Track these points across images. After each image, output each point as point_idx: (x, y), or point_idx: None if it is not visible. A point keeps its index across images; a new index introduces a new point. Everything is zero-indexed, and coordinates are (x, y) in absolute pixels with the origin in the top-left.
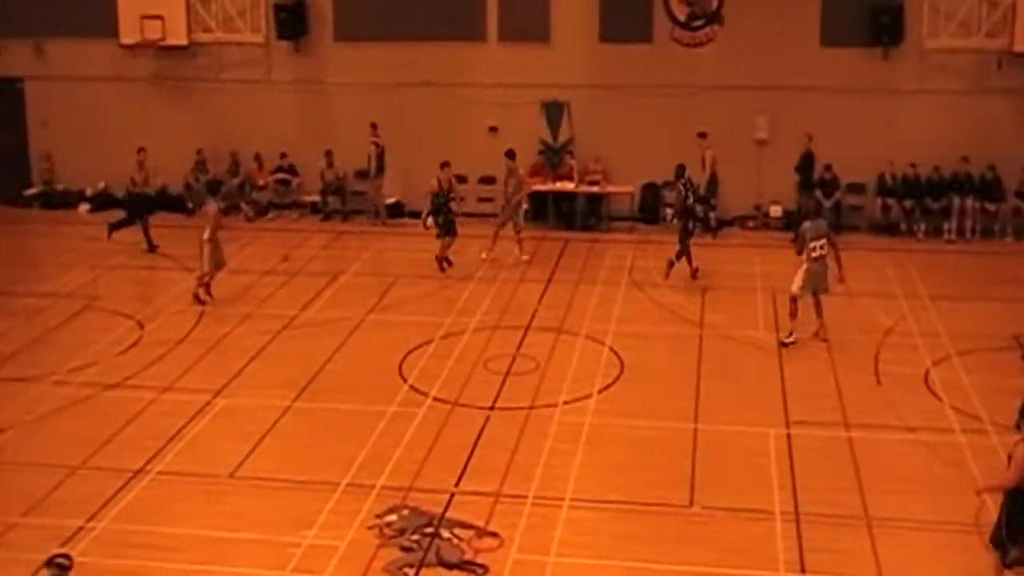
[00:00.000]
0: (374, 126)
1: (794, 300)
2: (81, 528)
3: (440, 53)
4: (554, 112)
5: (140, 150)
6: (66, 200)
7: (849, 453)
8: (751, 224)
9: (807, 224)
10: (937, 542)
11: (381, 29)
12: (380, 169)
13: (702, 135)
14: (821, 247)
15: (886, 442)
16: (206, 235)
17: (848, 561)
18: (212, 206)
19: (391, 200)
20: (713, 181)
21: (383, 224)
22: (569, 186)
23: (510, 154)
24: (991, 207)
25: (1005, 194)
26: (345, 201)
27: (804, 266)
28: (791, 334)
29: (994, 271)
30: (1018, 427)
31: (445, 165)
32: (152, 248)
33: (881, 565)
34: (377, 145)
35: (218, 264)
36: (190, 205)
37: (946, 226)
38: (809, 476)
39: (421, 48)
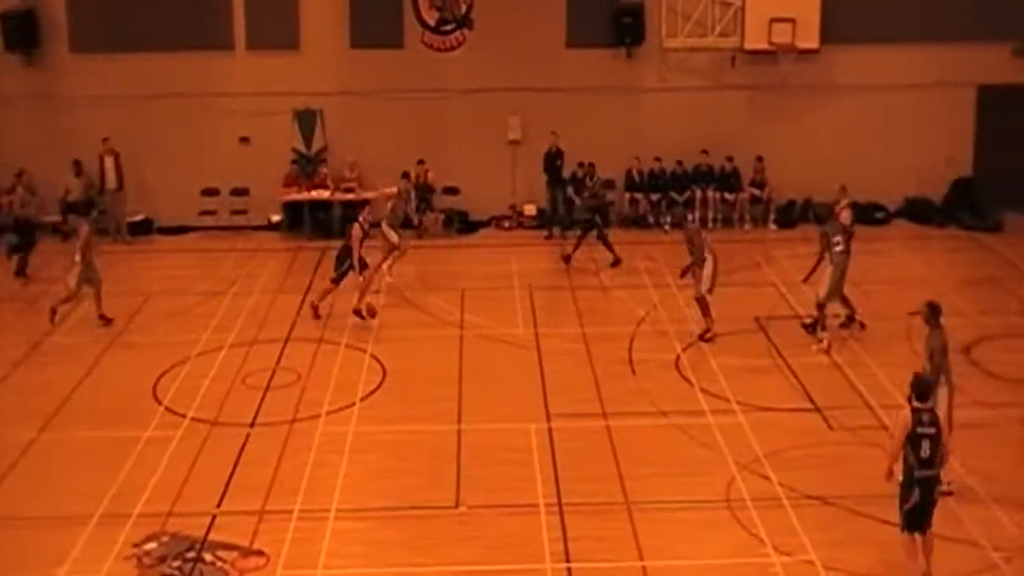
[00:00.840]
0: (106, 140)
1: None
2: None
3: (186, 63)
4: (307, 120)
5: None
6: None
7: (608, 442)
8: (506, 224)
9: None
10: (694, 520)
11: (121, 39)
12: (119, 184)
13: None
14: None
15: (642, 428)
16: (78, 256)
17: (611, 547)
18: (84, 226)
19: (138, 217)
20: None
21: (125, 242)
22: (325, 194)
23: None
24: (730, 197)
25: (742, 184)
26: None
27: (829, 269)
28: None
29: (734, 258)
30: (909, 401)
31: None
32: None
33: (642, 547)
34: (113, 159)
35: (89, 281)
36: None
37: (690, 217)
38: (571, 467)
39: (166, 58)
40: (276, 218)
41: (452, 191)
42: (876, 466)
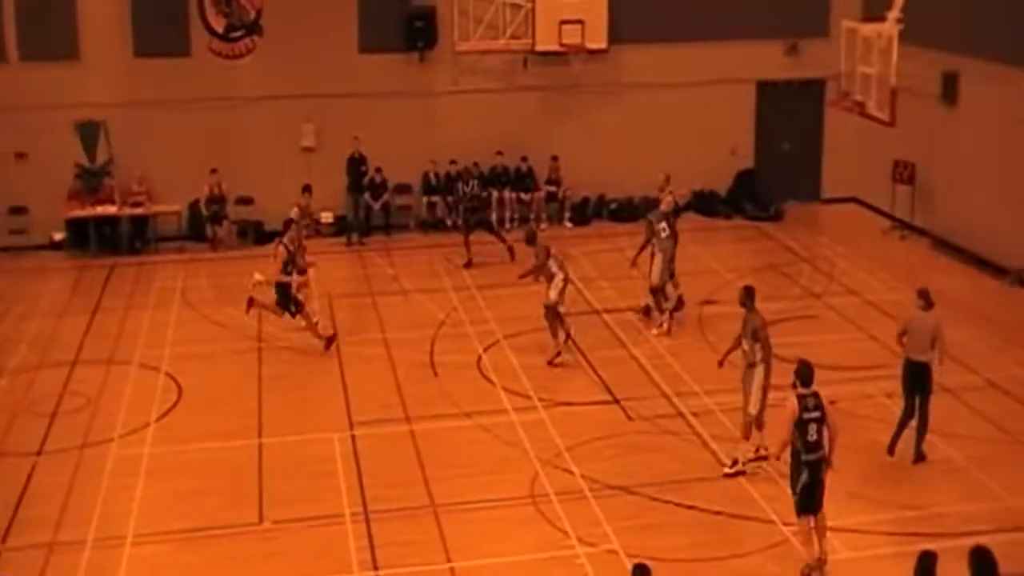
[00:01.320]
0: None
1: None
2: None
3: None
4: (89, 133)
5: None
6: None
7: (412, 446)
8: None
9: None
10: (500, 517)
11: None
12: None
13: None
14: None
15: (446, 430)
16: None
17: (418, 550)
18: None
19: None
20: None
21: None
22: (111, 209)
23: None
24: (526, 197)
25: (538, 184)
26: None
27: (658, 255)
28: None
29: (531, 257)
30: (794, 386)
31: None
32: None
33: (449, 549)
34: None
35: None
36: None
37: (542, 226)
38: (375, 474)
39: None
40: (59, 236)
41: (246, 201)
42: (674, 454)
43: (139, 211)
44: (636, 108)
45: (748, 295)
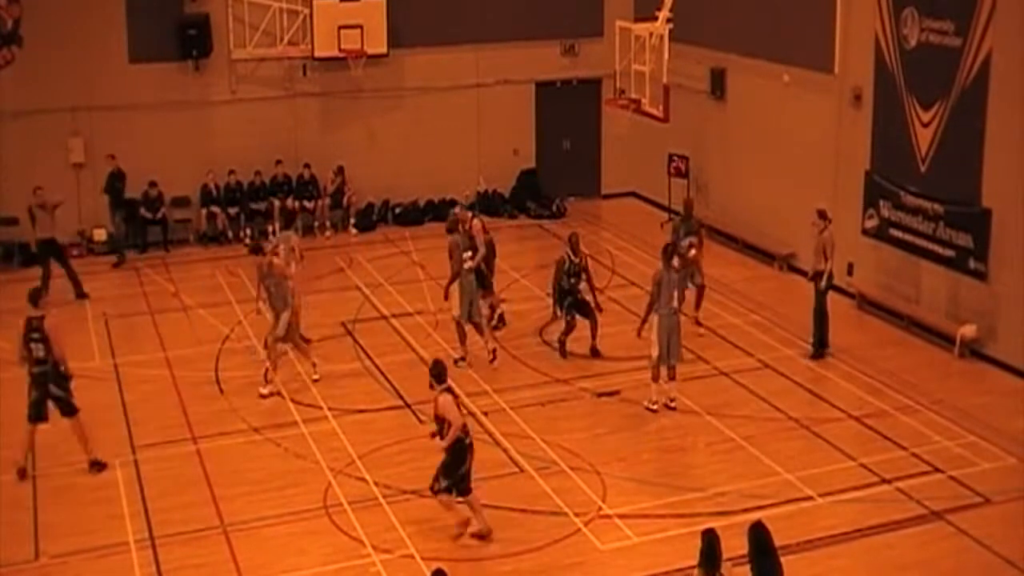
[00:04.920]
0: None
1: None
2: None
3: None
4: None
5: None
6: None
7: (199, 466)
8: (75, 252)
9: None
10: (293, 532)
11: None
12: None
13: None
14: None
15: (234, 446)
16: None
17: (208, 572)
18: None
19: None
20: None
21: None
22: None
23: None
24: (310, 204)
25: (321, 191)
26: None
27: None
28: None
29: (317, 264)
30: (431, 387)
31: None
32: None
33: (241, 568)
34: None
35: None
36: None
37: (270, 228)
38: (161, 498)
39: None
40: None
41: (11, 222)
42: None
43: None
44: (418, 112)
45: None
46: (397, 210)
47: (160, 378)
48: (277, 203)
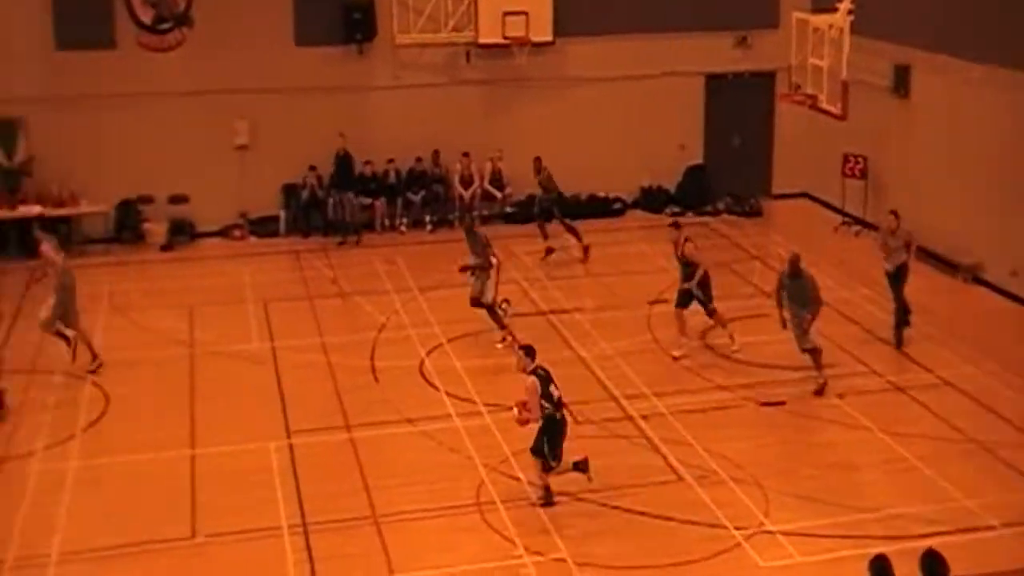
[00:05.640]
0: None
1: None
2: None
3: None
4: (7, 131)
5: None
6: None
7: (352, 455)
8: (237, 233)
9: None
10: (444, 527)
11: None
12: None
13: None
14: None
15: (388, 437)
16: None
17: (359, 563)
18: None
19: None
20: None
21: None
22: (34, 210)
23: None
24: (466, 194)
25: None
26: None
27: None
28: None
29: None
30: (524, 371)
31: None
32: None
33: (392, 560)
34: None
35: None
36: None
37: (428, 218)
38: (314, 485)
39: None
40: None
41: (180, 199)
42: (623, 458)
43: (62, 212)
44: (582, 103)
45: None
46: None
47: (316, 364)
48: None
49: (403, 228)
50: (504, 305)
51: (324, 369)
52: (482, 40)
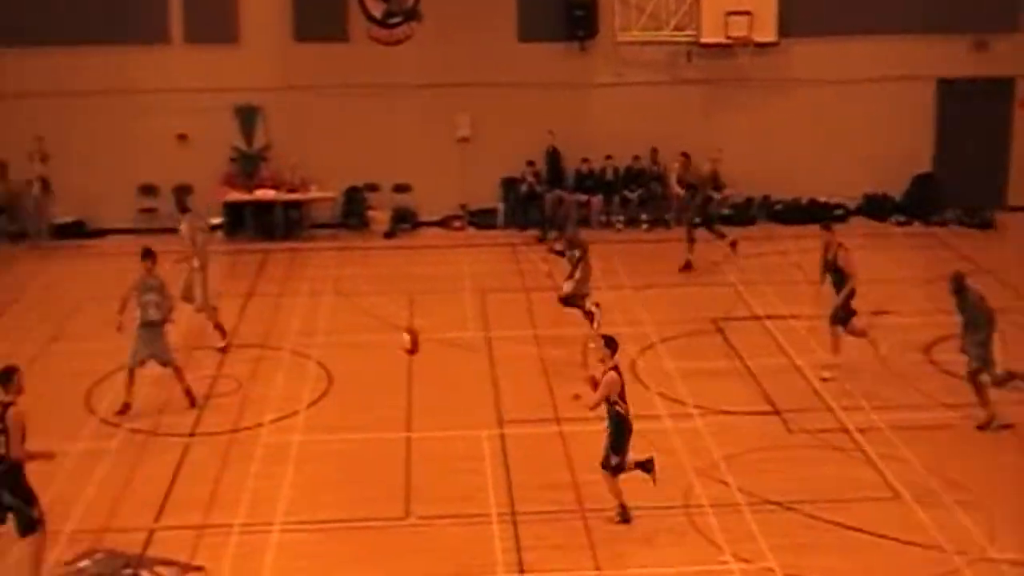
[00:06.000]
0: (40, 139)
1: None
2: None
3: (122, 57)
4: (248, 117)
5: None
6: None
7: (562, 448)
8: (457, 224)
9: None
10: (651, 527)
11: (54, 32)
12: (45, 186)
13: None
14: None
15: (597, 433)
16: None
17: (565, 555)
18: (185, 223)
19: (67, 219)
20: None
21: (43, 246)
22: (270, 194)
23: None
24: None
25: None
26: (14, 219)
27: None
28: None
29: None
30: (603, 362)
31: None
32: None
33: (598, 556)
34: (43, 160)
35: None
36: None
37: (644, 216)
38: (524, 475)
39: (101, 52)
40: (216, 220)
41: (403, 188)
42: (837, 471)
43: (295, 197)
44: (805, 105)
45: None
46: (777, 207)
47: (529, 356)
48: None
49: (619, 226)
50: (593, 308)
51: (536, 361)
52: (704, 40)
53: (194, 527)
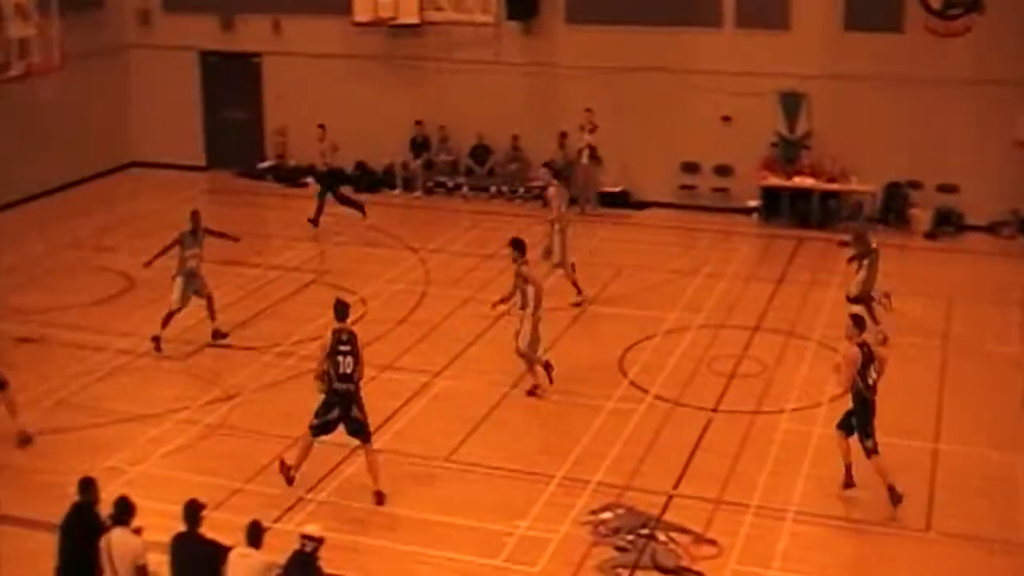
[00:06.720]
0: (589, 111)
1: None
2: (301, 499)
3: (673, 38)
4: (792, 103)
5: (320, 126)
6: (295, 175)
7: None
8: (1006, 231)
9: None
10: None
11: (613, 13)
12: (593, 155)
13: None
14: None
15: None
16: (555, 222)
17: None
18: (553, 189)
19: (615, 189)
20: None
21: (591, 214)
22: (808, 182)
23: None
24: None
25: None
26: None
27: None
28: None
29: None
30: (851, 339)
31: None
32: (314, 221)
33: None
34: (592, 131)
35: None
36: (399, 183)
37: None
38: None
39: (652, 33)
40: (753, 203)
41: (948, 188)
42: None
43: (834, 187)
44: None
45: None
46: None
47: None
48: None
49: None
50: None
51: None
52: None
53: (710, 500)
